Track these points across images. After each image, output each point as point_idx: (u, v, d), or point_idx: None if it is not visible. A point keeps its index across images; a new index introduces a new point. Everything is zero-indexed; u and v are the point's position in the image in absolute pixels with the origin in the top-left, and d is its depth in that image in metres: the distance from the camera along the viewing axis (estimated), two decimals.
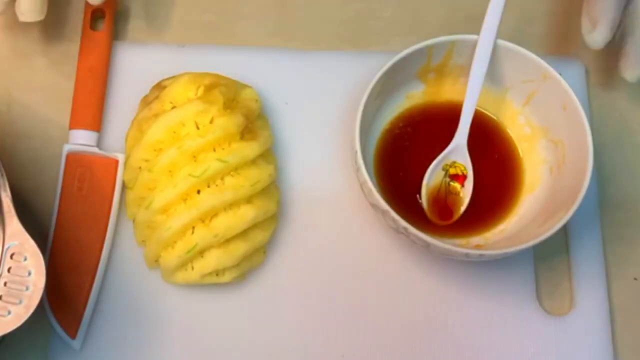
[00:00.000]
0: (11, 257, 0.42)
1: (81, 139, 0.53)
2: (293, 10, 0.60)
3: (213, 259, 0.49)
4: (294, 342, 0.51)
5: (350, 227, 0.53)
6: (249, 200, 0.49)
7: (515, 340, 0.51)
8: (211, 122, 0.49)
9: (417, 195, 0.52)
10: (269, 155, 0.52)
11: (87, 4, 0.55)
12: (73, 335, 0.50)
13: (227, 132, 0.49)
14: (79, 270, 0.51)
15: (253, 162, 0.50)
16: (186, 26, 0.59)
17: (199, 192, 0.48)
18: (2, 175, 0.44)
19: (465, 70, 0.52)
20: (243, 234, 0.49)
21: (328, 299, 0.52)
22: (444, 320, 0.52)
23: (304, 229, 0.53)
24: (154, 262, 0.50)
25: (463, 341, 0.51)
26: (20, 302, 0.41)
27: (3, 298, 0.41)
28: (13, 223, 0.43)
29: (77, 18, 0.56)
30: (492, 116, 0.55)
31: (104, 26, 0.56)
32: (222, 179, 0.49)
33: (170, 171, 0.49)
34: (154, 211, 0.48)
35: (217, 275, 0.50)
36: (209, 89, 0.50)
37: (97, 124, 0.54)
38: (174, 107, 0.50)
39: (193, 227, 0.48)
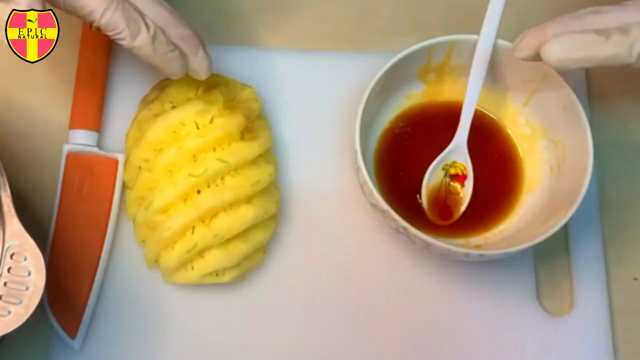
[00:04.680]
0: (11, 257, 0.42)
1: (81, 139, 0.53)
2: (293, 10, 0.60)
3: (213, 259, 0.49)
4: (294, 342, 0.51)
5: (350, 227, 0.53)
6: (249, 200, 0.49)
7: (515, 340, 0.51)
8: (211, 122, 0.49)
9: (417, 195, 0.52)
10: (269, 155, 0.52)
11: None
12: (73, 335, 0.50)
13: (227, 132, 0.49)
14: (79, 270, 0.51)
15: (253, 162, 0.50)
16: None
17: (199, 192, 0.48)
18: (2, 175, 0.44)
19: (465, 70, 0.52)
20: (243, 234, 0.49)
21: (328, 298, 0.52)
22: (444, 320, 0.52)
23: (304, 229, 0.53)
24: (154, 262, 0.50)
25: (463, 341, 0.51)
26: (20, 302, 0.41)
27: (3, 298, 0.41)
28: (13, 223, 0.43)
29: (77, 18, 0.56)
30: (493, 116, 0.55)
31: None
32: (222, 179, 0.49)
33: (170, 171, 0.49)
34: (154, 211, 0.48)
35: (217, 275, 0.50)
36: (209, 89, 0.50)
37: (97, 124, 0.54)
38: (174, 107, 0.50)
39: (193, 227, 0.48)
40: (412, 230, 0.47)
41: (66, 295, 0.50)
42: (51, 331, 0.50)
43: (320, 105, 0.56)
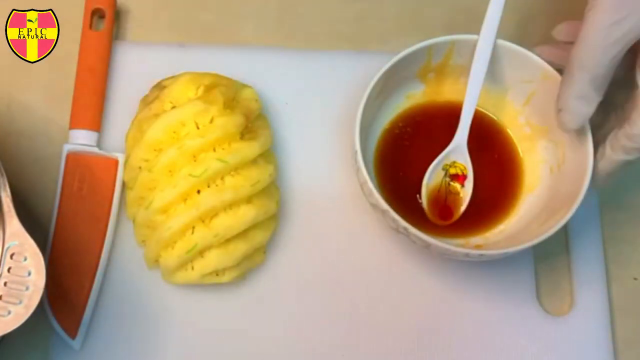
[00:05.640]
0: (11, 257, 0.42)
1: (81, 139, 0.53)
2: (293, 10, 0.60)
3: (213, 259, 0.49)
4: (293, 342, 0.51)
5: (350, 227, 0.53)
6: (249, 200, 0.49)
7: (515, 340, 0.51)
8: (211, 122, 0.49)
9: (417, 195, 0.52)
10: (269, 155, 0.52)
11: (87, 4, 0.56)
12: (73, 335, 0.50)
13: (227, 132, 0.49)
14: (79, 270, 0.51)
15: (253, 162, 0.50)
16: (186, 26, 0.59)
17: (199, 192, 0.48)
18: (2, 175, 0.44)
19: (465, 70, 0.52)
20: (243, 234, 0.49)
21: (328, 298, 0.52)
22: (444, 320, 0.52)
23: (304, 229, 0.53)
24: (154, 262, 0.50)
25: (463, 341, 0.51)
26: (20, 302, 0.41)
27: (3, 298, 0.41)
28: (13, 223, 0.43)
29: (77, 18, 0.56)
30: (492, 116, 0.55)
31: (104, 26, 0.56)
32: (222, 179, 0.49)
33: (170, 171, 0.49)
34: (154, 211, 0.48)
35: (217, 275, 0.50)
36: (209, 89, 0.50)
37: (97, 124, 0.54)
38: (174, 107, 0.50)
39: (193, 227, 0.48)
40: (412, 230, 0.47)
41: (66, 295, 0.50)
42: (51, 331, 0.50)
43: (321, 105, 0.56)
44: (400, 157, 0.54)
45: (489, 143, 0.54)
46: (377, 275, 0.53)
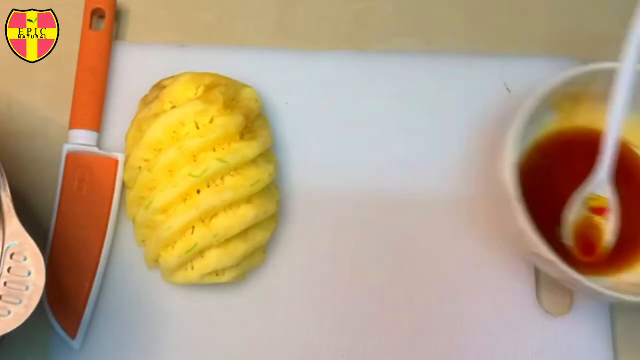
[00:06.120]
0: (11, 257, 0.42)
1: (81, 139, 0.53)
2: (293, 10, 0.60)
3: (213, 259, 0.49)
4: (293, 342, 0.51)
5: (350, 227, 0.53)
6: (249, 200, 0.49)
7: (515, 340, 0.51)
8: (211, 122, 0.49)
9: (556, 227, 0.50)
10: (269, 155, 0.52)
11: (87, 4, 0.56)
12: (73, 335, 0.50)
13: (227, 132, 0.49)
14: (79, 270, 0.51)
15: (253, 162, 0.50)
16: (186, 26, 0.59)
17: (199, 192, 0.48)
18: (2, 175, 0.44)
19: (601, 96, 0.48)
20: (243, 234, 0.49)
21: (328, 298, 0.52)
22: (443, 320, 0.52)
23: (304, 229, 0.53)
24: (154, 262, 0.50)
25: (463, 341, 0.51)
26: (20, 302, 0.41)
27: (3, 298, 0.41)
28: (13, 223, 0.43)
29: (77, 18, 0.56)
30: (634, 149, 0.51)
31: (104, 26, 0.56)
32: (222, 179, 0.49)
33: (170, 171, 0.49)
34: (154, 211, 0.48)
35: (217, 275, 0.50)
36: (209, 89, 0.50)
37: (97, 124, 0.54)
38: (174, 107, 0.50)
39: (193, 227, 0.48)
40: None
41: (66, 295, 0.50)
42: (51, 331, 0.50)
43: (320, 106, 0.56)
44: (537, 191, 0.49)
45: (630, 170, 0.51)
46: (376, 275, 0.53)
